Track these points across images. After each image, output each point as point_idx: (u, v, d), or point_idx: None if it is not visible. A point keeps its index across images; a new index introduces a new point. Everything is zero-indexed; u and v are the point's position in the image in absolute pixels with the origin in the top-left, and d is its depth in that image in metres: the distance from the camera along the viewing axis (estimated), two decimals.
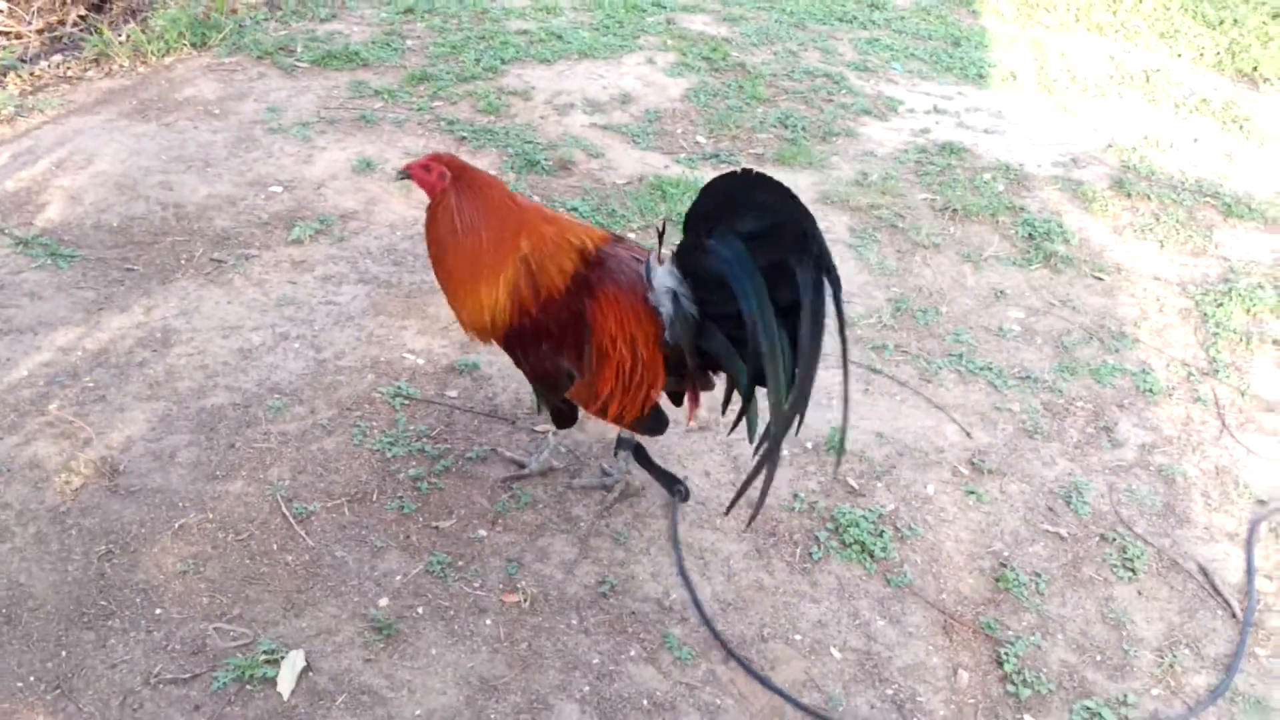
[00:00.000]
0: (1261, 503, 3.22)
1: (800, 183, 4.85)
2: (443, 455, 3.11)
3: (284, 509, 2.88)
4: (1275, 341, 3.94)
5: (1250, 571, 2.97)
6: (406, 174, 2.60)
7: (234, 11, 6.02)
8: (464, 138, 4.93)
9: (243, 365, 3.41)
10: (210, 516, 2.84)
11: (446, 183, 2.55)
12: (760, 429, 2.39)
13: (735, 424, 2.59)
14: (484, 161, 4.78)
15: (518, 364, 2.71)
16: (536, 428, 3.23)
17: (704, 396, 2.74)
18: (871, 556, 2.90)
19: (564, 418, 2.87)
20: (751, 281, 2.28)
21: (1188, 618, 2.85)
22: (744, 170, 2.24)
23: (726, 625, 2.69)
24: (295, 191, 4.41)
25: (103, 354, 3.41)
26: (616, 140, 5.13)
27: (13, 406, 3.15)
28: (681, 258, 2.45)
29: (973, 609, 2.80)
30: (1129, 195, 4.94)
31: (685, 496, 2.98)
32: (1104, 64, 6.58)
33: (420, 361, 3.51)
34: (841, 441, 2.70)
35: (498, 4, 6.57)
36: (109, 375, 3.32)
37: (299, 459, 3.06)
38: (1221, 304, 4.13)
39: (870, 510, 3.05)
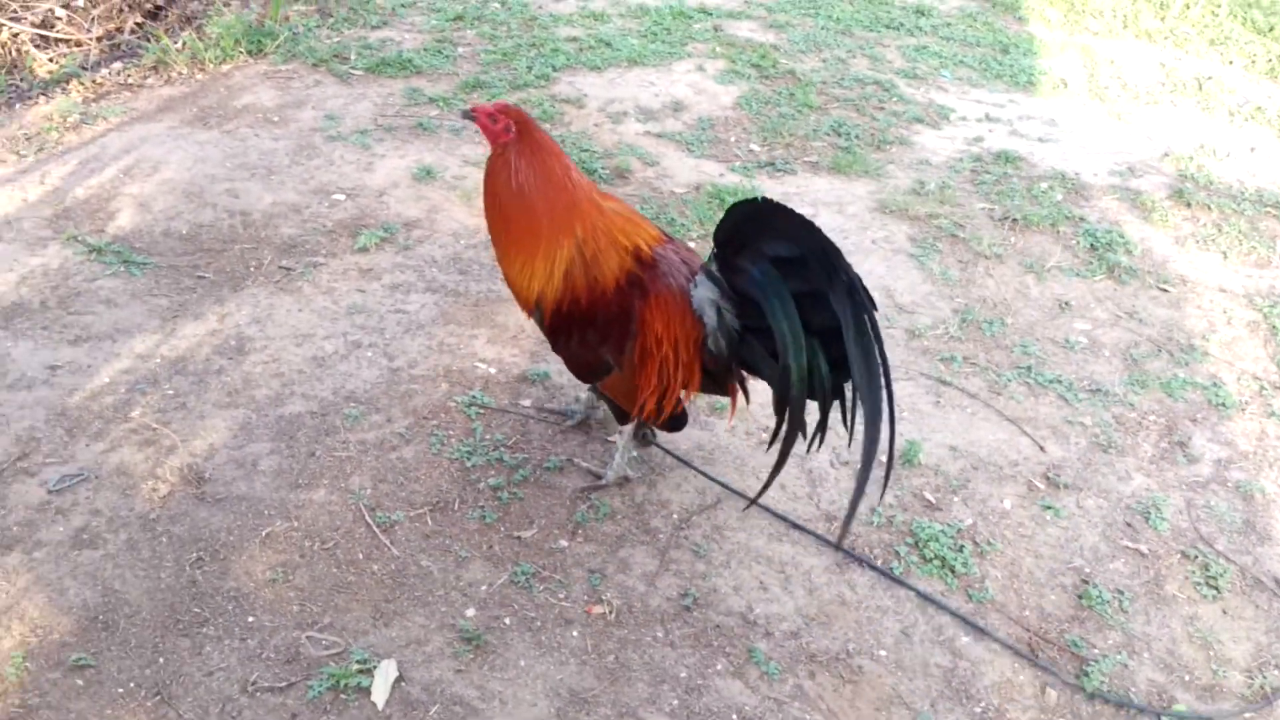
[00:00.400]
0: None
1: (857, 191, 4.85)
2: (520, 465, 3.12)
3: (368, 518, 2.90)
4: None
5: None
6: (472, 115, 2.59)
7: (287, 19, 6.07)
8: None
9: (318, 373, 3.44)
10: (296, 525, 2.87)
11: (510, 136, 2.56)
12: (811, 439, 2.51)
13: (774, 434, 2.62)
14: None
15: (555, 346, 2.77)
16: (609, 438, 3.24)
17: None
18: (952, 571, 2.90)
19: (625, 415, 2.89)
20: (782, 304, 2.37)
21: (1276, 638, 2.83)
22: (764, 200, 2.32)
23: (811, 639, 2.69)
24: (358, 199, 4.44)
25: (180, 361, 3.44)
26: (671, 148, 5.14)
27: (97, 413, 3.18)
28: (718, 274, 2.50)
29: (1057, 626, 2.79)
30: (1189, 205, 4.91)
31: (653, 435, 3.09)
32: (1155, 71, 6.54)
33: (492, 370, 3.52)
34: (888, 462, 2.55)
35: (546, 11, 6.59)
36: (188, 382, 3.35)
37: (379, 468, 3.08)
38: None
39: (949, 525, 3.04)
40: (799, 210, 2.30)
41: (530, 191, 2.57)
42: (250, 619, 2.60)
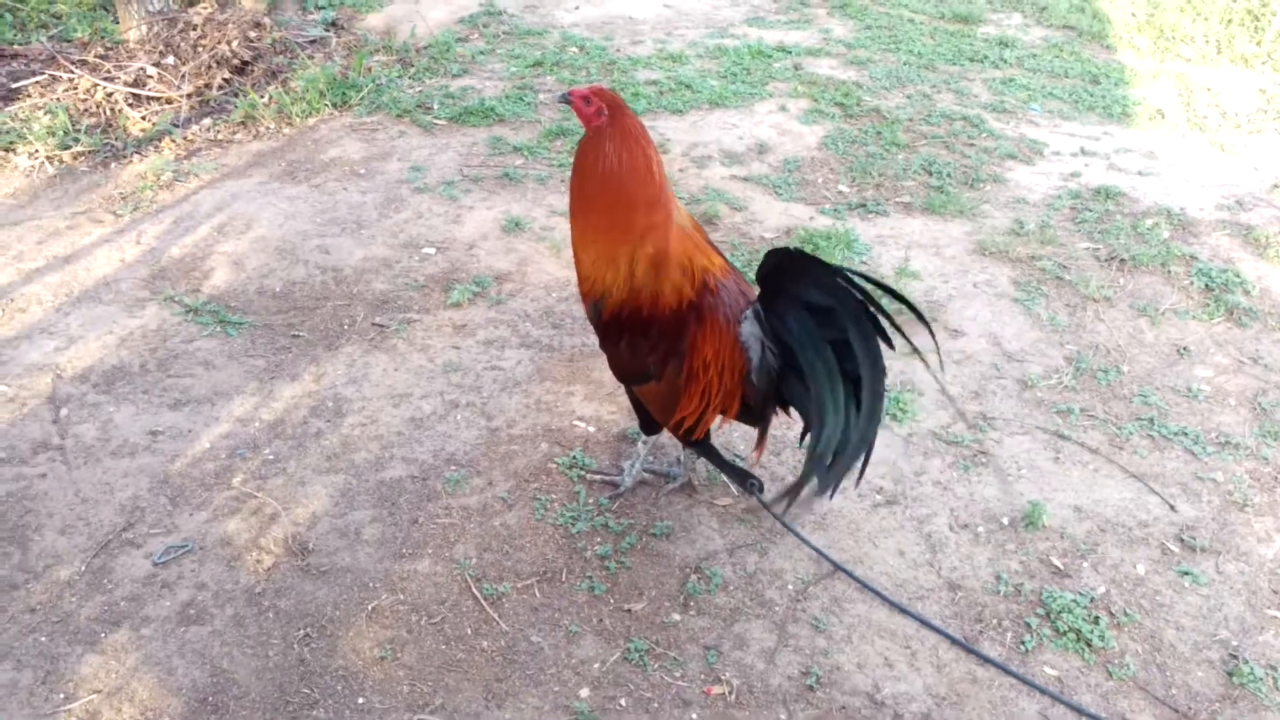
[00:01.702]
0: None
1: (953, 233, 4.71)
2: (626, 531, 3.03)
3: (474, 590, 2.82)
4: None
5: None
6: (568, 99, 2.59)
7: (369, 71, 6.10)
8: None
9: (416, 435, 3.38)
10: (402, 598, 2.79)
11: (603, 120, 2.55)
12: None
13: (797, 485, 2.59)
14: None
15: (602, 342, 2.76)
16: (638, 443, 3.20)
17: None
18: (1089, 646, 2.74)
19: (651, 426, 2.95)
20: (817, 354, 2.44)
21: None
22: (795, 250, 2.38)
23: None
24: (448, 253, 4.40)
25: (279, 424, 3.40)
26: (758, 192, 5.05)
27: (199, 481, 3.15)
28: (761, 314, 2.56)
29: (1207, 707, 2.62)
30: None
31: (760, 489, 3.06)
32: (1253, 98, 6.32)
33: (591, 429, 3.44)
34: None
35: (624, 55, 6.56)
36: (287, 447, 3.31)
37: (483, 535, 3.00)
38: None
39: (1081, 594, 2.88)
40: (893, 251, 2.22)
41: (616, 179, 2.53)
42: (360, 700, 2.53)
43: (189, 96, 5.53)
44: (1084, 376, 3.78)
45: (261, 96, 5.62)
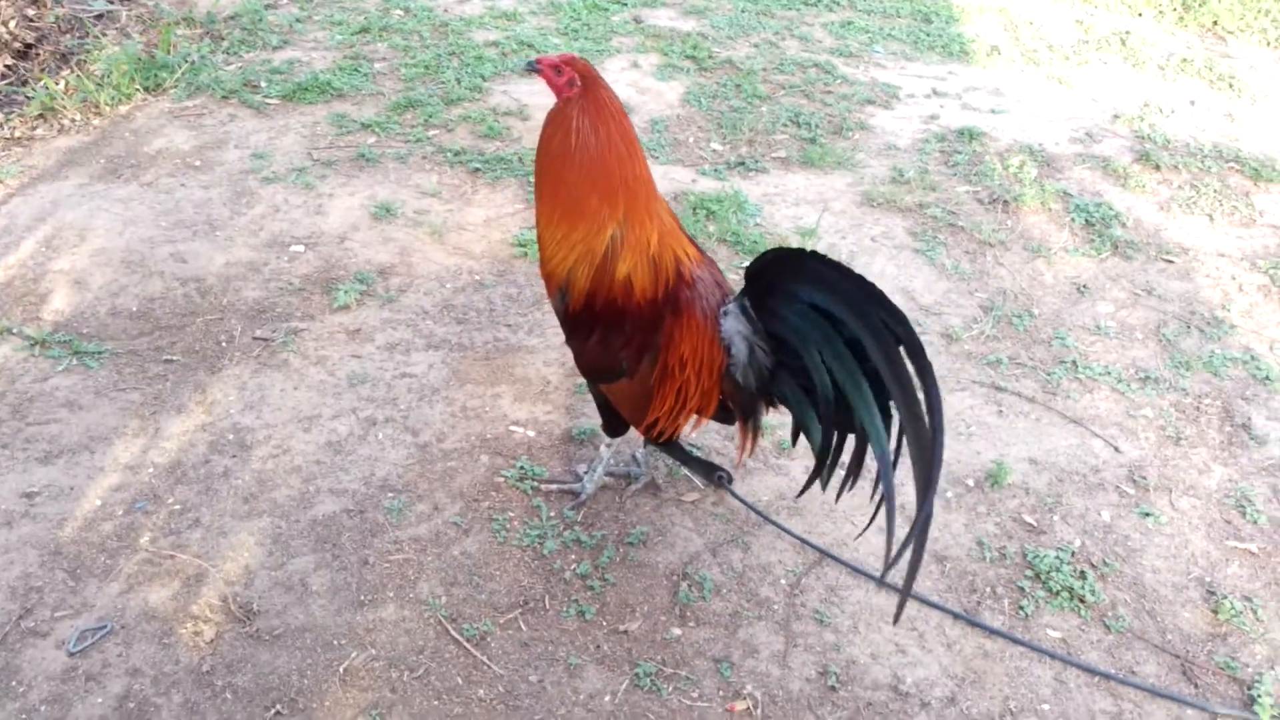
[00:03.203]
0: None
1: (836, 185, 4.66)
2: (601, 544, 2.82)
3: (453, 632, 2.56)
4: None
5: None
6: (536, 67, 2.40)
7: (175, 47, 5.49)
8: (477, 169, 4.58)
9: (338, 462, 3.05)
10: (374, 653, 2.50)
11: (574, 91, 2.37)
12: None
13: (809, 482, 2.47)
14: (506, 194, 4.45)
15: (570, 337, 2.58)
16: (601, 446, 2.99)
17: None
18: (1083, 602, 2.74)
19: (618, 428, 2.76)
20: (829, 350, 2.23)
21: None
22: (812, 250, 2.21)
23: (970, 704, 2.48)
24: (319, 248, 4.01)
25: (176, 467, 3.00)
26: None
27: (99, 546, 2.73)
28: (751, 311, 2.38)
29: (1203, 647, 2.66)
30: (1158, 168, 4.89)
31: (729, 480, 2.94)
32: (1073, 29, 6.56)
33: (531, 434, 3.19)
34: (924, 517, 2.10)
35: (454, 15, 6.17)
36: (193, 493, 2.92)
37: (445, 568, 2.73)
38: None
39: (1061, 549, 2.89)
40: (784, 209, 2.08)
41: (590, 157, 2.35)
42: None
43: None
44: (1001, 324, 3.79)
45: (58, 83, 4.96)
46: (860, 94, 5.53)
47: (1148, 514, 3.03)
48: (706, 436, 3.18)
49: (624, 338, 2.47)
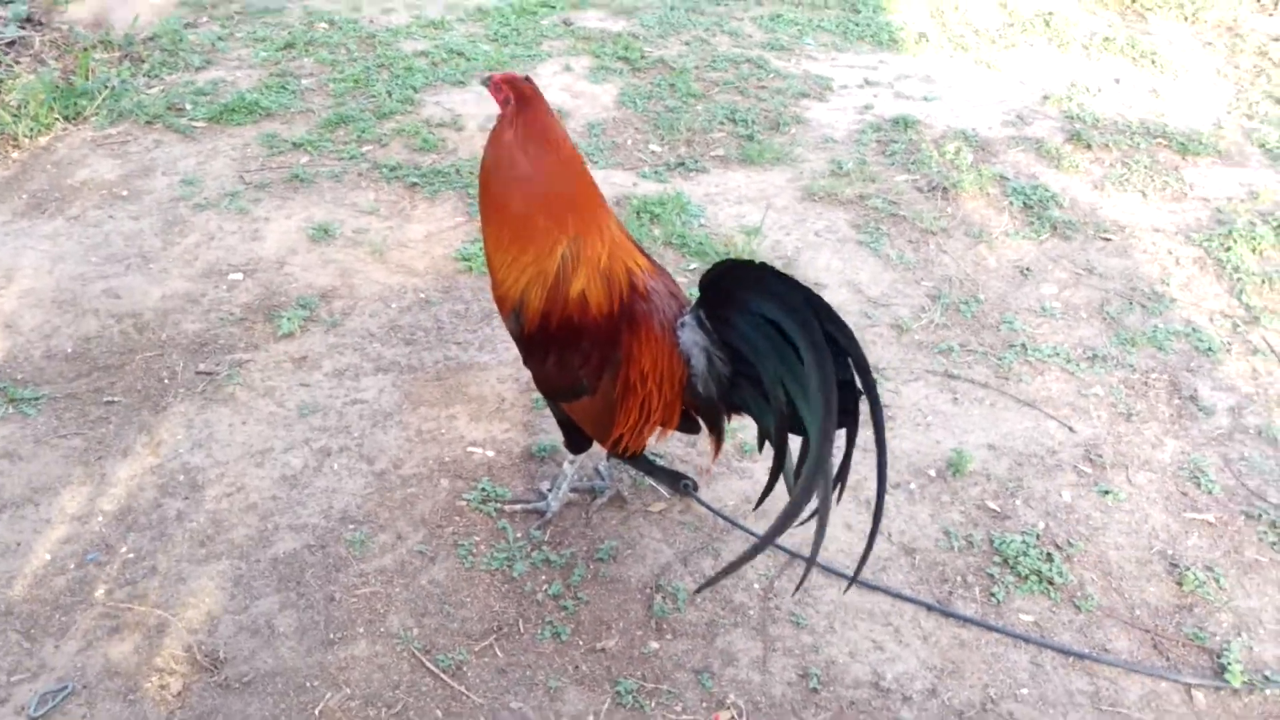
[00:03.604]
0: None
1: (777, 181, 4.66)
2: (571, 562, 2.79)
3: (428, 664, 2.51)
4: None
5: None
6: (488, 82, 2.39)
7: (93, 72, 5.34)
8: (415, 184, 4.52)
9: (295, 496, 2.98)
10: (349, 692, 2.45)
11: (509, 111, 2.35)
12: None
13: (767, 489, 2.48)
14: (445, 207, 4.39)
15: (527, 359, 2.55)
16: (564, 463, 2.98)
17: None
18: (1052, 584, 2.77)
19: (581, 444, 2.74)
20: (780, 361, 2.21)
21: None
22: (762, 263, 2.17)
23: (950, 694, 2.50)
24: (257, 275, 3.92)
25: (126, 514, 2.92)
26: None
27: (52, 603, 2.64)
28: (707, 322, 2.37)
29: (1172, 620, 2.71)
30: (1089, 147, 4.96)
31: (694, 488, 2.90)
32: (998, 12, 6.64)
33: (490, 454, 3.15)
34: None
35: (381, 26, 6.09)
36: (147, 539, 2.84)
37: (414, 599, 2.68)
38: (1229, 248, 4.19)
39: (1026, 533, 2.91)
40: (727, 209, 2.07)
41: (527, 175, 2.32)
42: None
43: None
44: (950, 311, 3.82)
45: None
46: (794, 87, 5.54)
47: (1106, 491, 3.07)
48: (669, 444, 3.16)
49: (582, 356, 2.44)
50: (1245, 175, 4.82)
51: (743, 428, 3.14)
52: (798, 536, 2.77)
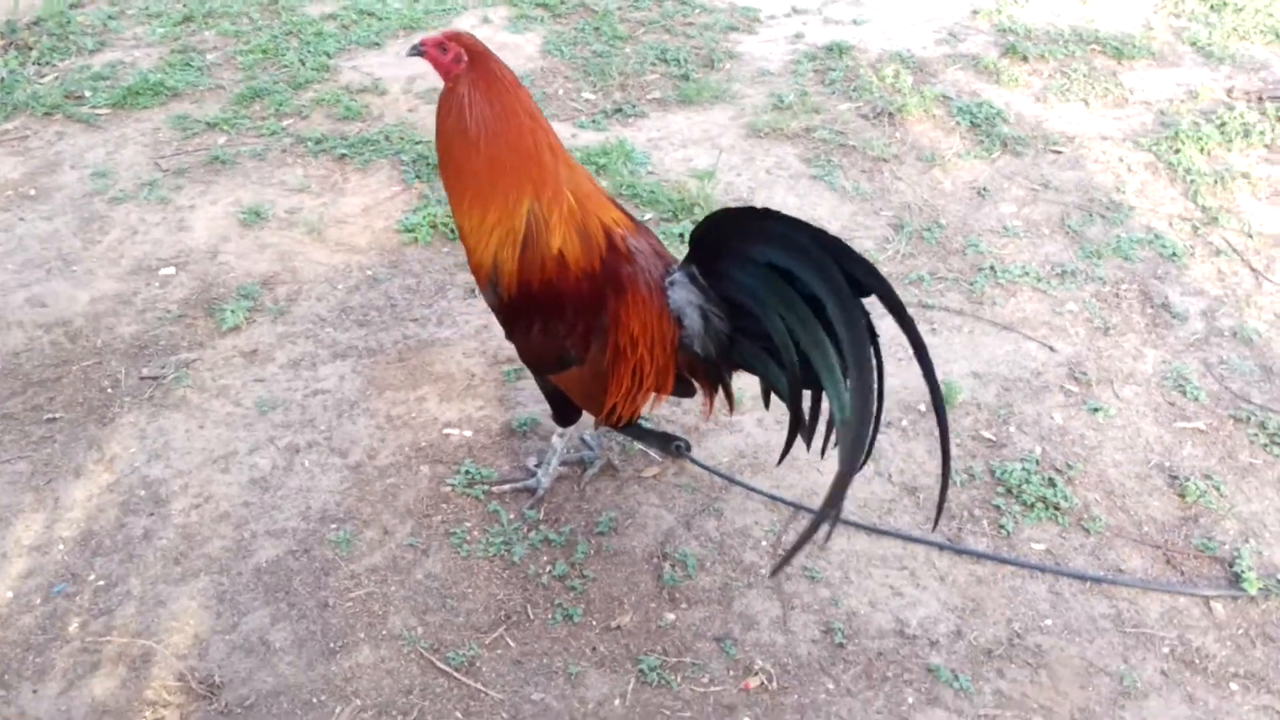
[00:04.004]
0: None
1: (719, 120, 4.54)
2: (572, 539, 2.68)
3: (438, 664, 2.39)
4: (1244, 175, 4.02)
5: None
6: (421, 50, 2.24)
7: None
8: (344, 155, 4.30)
9: (268, 500, 2.82)
10: (361, 703, 2.32)
11: (461, 67, 2.22)
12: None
13: (788, 444, 2.34)
14: (379, 177, 4.19)
15: (510, 332, 2.44)
16: (553, 436, 2.84)
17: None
18: (1058, 509, 2.74)
19: (570, 416, 2.62)
20: (790, 312, 2.07)
21: None
22: (763, 208, 2.06)
23: (977, 634, 2.45)
24: (191, 268, 3.70)
25: (89, 538, 2.73)
26: None
27: (23, 645, 2.46)
28: (701, 278, 2.26)
29: (1180, 533, 2.70)
30: (1025, 59, 4.92)
31: (687, 448, 2.77)
32: None
33: (468, 434, 3.01)
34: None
35: None
36: (116, 563, 2.66)
37: (413, 596, 2.56)
38: (1178, 150, 4.18)
39: (1025, 459, 2.88)
40: (673, 154, 1.96)
41: (489, 132, 2.20)
42: None
43: None
44: (914, 240, 3.76)
45: None
46: (721, 21, 5.40)
47: (1096, 409, 3.05)
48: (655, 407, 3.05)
49: (567, 324, 2.32)
50: (1181, 75, 4.82)
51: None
52: (798, 489, 2.70)
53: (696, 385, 2.47)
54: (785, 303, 2.08)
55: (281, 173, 4.21)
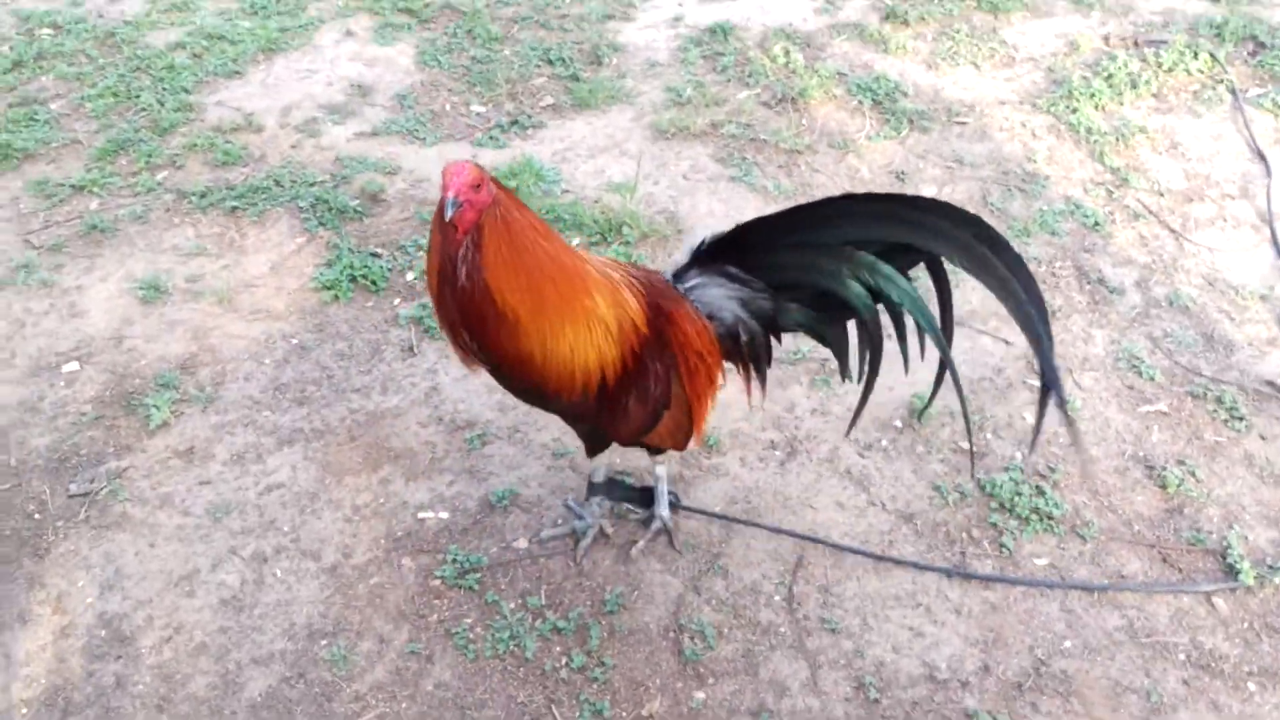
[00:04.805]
0: (1264, 297, 3.40)
1: (620, 123, 4.42)
2: (583, 624, 2.60)
3: None
4: (1141, 130, 4.12)
5: None
6: (459, 204, 1.96)
7: None
8: (235, 208, 4.02)
9: (246, 622, 2.65)
10: None
11: (491, 198, 2.04)
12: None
13: (859, 408, 2.47)
14: (280, 228, 3.96)
15: (608, 418, 2.35)
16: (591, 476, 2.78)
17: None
18: (1052, 519, 2.79)
19: (599, 446, 2.57)
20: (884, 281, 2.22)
21: None
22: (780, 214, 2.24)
23: (1003, 666, 2.48)
24: (96, 359, 3.42)
25: (57, 696, 2.52)
26: (398, 144, 4.40)
27: None
28: (738, 272, 2.36)
29: (1169, 528, 2.78)
30: (906, 23, 4.93)
31: (678, 500, 2.80)
32: None
33: (444, 515, 2.88)
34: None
35: (112, 19, 5.33)
36: (92, 718, 2.45)
37: (427, 712, 2.44)
38: (1075, 110, 4.26)
39: (1009, 468, 2.91)
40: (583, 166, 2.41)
41: (545, 250, 2.11)
42: None
43: None
44: None
45: None
46: (596, 11, 5.23)
47: (1063, 402, 3.08)
48: (630, 458, 2.97)
49: (654, 376, 2.32)
50: (1057, 25, 4.90)
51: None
52: (806, 519, 2.67)
53: (736, 371, 2.49)
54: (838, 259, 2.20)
55: (170, 235, 3.91)
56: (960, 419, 2.93)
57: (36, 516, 2.93)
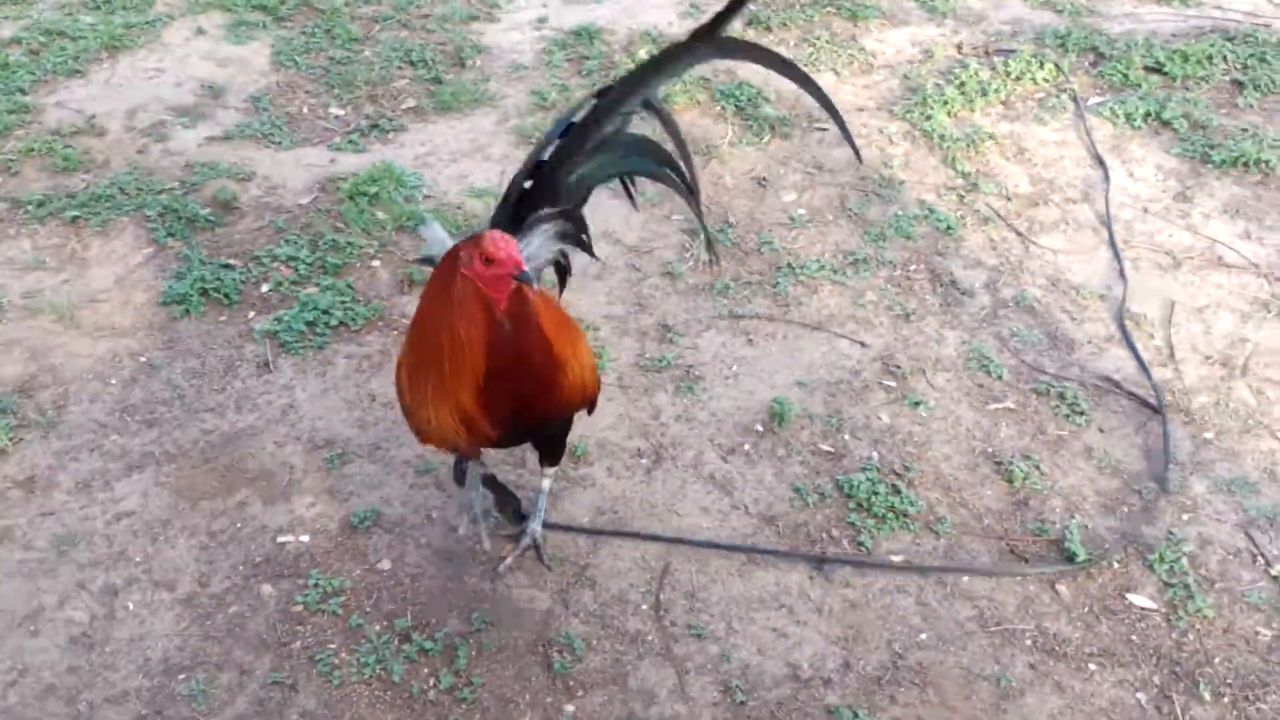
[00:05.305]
0: (1102, 297, 3.58)
1: (484, 127, 4.41)
2: (450, 644, 2.59)
3: None
4: (991, 136, 4.28)
5: (1145, 366, 3.32)
6: (529, 278, 2.10)
7: None
8: (76, 217, 3.86)
9: (98, 660, 2.56)
10: None
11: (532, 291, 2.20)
12: None
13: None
14: (125, 239, 3.82)
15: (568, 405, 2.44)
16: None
17: None
18: (907, 516, 2.89)
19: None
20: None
21: (1147, 434, 3.15)
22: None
23: (862, 662, 2.56)
24: None
25: None
26: (252, 149, 4.28)
27: None
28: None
29: (1016, 519, 2.90)
30: (769, 29, 5.01)
31: (518, 508, 2.79)
32: None
33: (305, 539, 2.83)
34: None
35: None
36: None
37: None
38: (929, 117, 4.39)
39: (865, 468, 3.00)
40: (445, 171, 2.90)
41: (549, 307, 2.35)
42: None
43: None
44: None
45: None
46: (459, 11, 5.18)
47: (917, 403, 3.20)
48: (499, 472, 2.95)
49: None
50: (913, 33, 5.04)
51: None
52: (671, 525, 2.70)
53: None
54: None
55: (4, 248, 3.74)
56: (818, 421, 3.02)
57: None
